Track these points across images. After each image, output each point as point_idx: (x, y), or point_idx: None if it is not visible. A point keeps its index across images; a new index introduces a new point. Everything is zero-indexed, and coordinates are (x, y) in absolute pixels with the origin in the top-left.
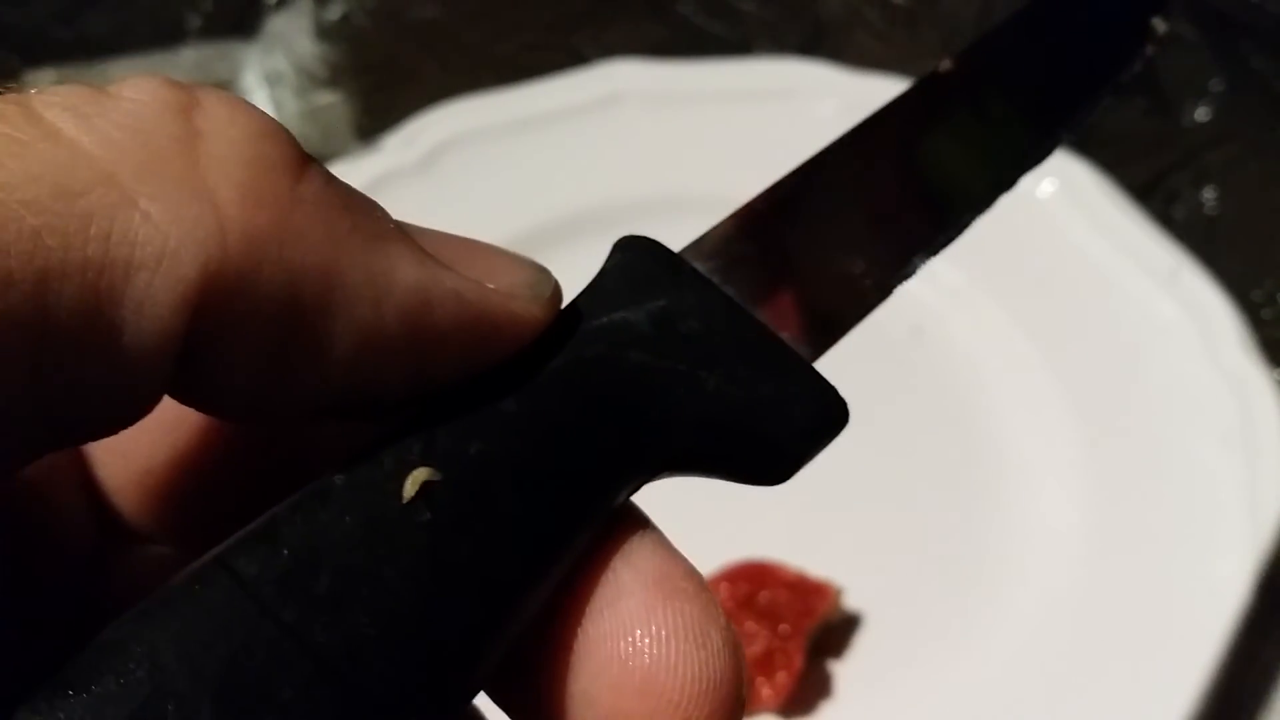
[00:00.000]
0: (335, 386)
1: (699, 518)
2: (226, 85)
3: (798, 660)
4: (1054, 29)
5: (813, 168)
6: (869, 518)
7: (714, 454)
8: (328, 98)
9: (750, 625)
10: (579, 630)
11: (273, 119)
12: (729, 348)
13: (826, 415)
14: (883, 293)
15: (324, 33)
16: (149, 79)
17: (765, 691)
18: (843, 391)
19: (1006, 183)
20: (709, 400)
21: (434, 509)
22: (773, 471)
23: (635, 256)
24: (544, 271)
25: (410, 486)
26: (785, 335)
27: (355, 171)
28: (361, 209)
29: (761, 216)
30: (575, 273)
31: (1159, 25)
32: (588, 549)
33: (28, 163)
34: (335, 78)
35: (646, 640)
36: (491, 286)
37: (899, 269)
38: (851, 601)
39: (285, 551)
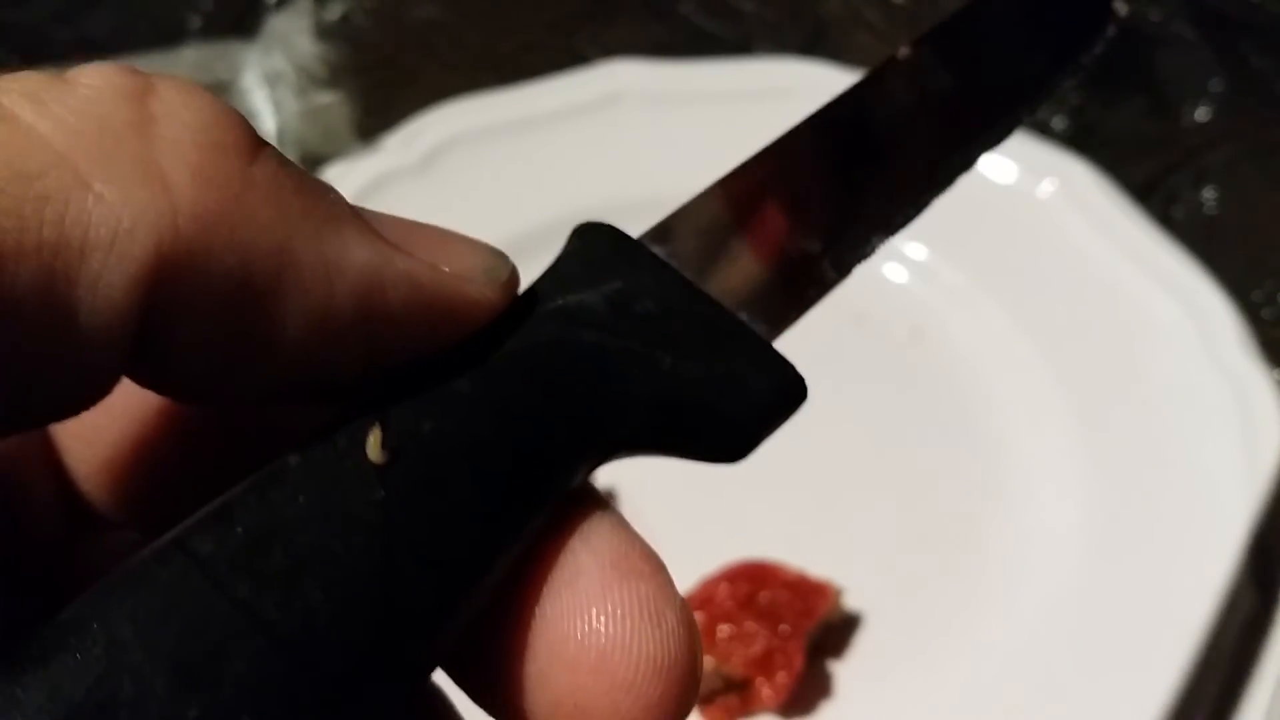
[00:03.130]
0: (288, 368)
1: (700, 518)
2: (226, 85)
3: (798, 660)
4: (1015, 13)
5: (772, 152)
6: (869, 518)
7: (671, 433)
8: (328, 98)
9: (750, 625)
10: (536, 610)
11: (226, 105)
12: (685, 327)
13: (783, 391)
14: (841, 272)
15: (324, 33)
16: (105, 66)
17: (765, 691)
18: (843, 393)
19: (965, 164)
20: (665, 379)
21: (387, 486)
22: (730, 449)
23: (592, 240)
24: (500, 256)
25: (373, 449)
26: (743, 316)
27: (355, 171)
28: (314, 192)
29: (721, 201)
30: None
31: (1120, 7)
32: (546, 529)
33: None
34: (335, 78)
35: (602, 619)
36: (446, 270)
37: (857, 249)
38: (851, 601)
39: (239, 530)
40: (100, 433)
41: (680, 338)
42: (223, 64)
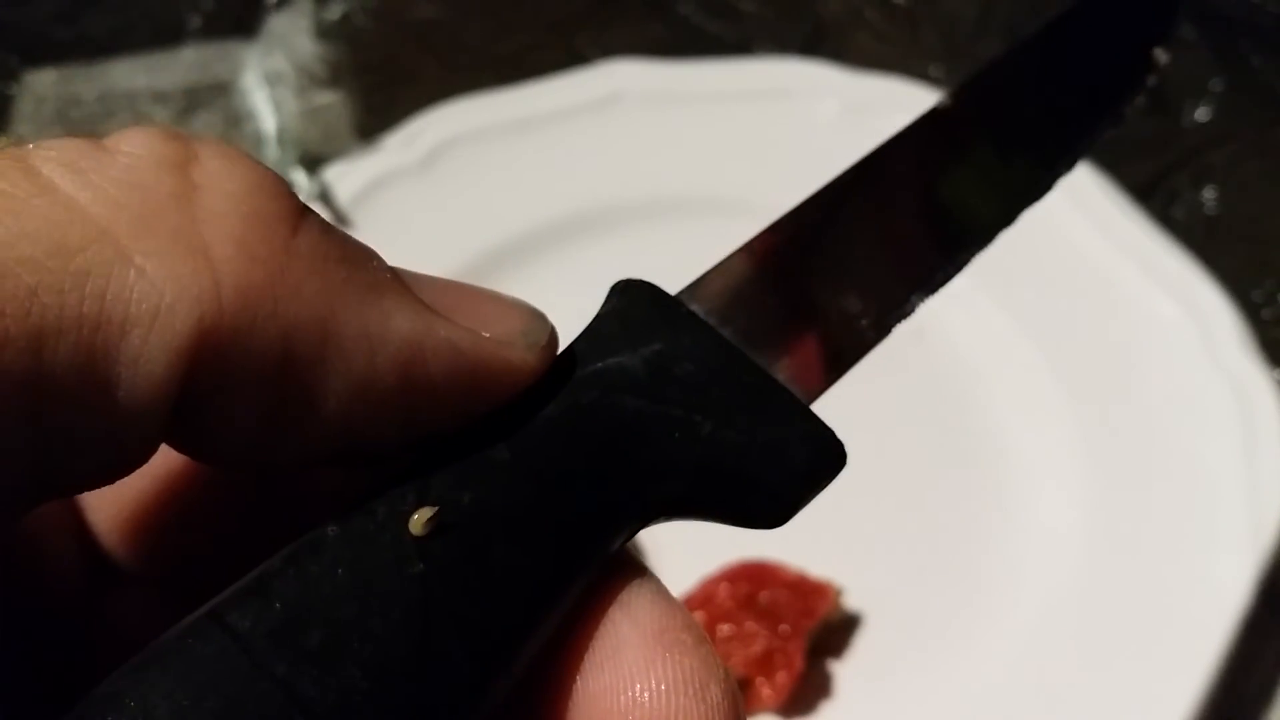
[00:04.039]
0: (329, 437)
1: None
2: (226, 85)
3: (798, 660)
4: (1055, 62)
5: (810, 208)
6: (869, 518)
7: (710, 499)
8: (328, 98)
9: (750, 625)
10: (577, 683)
11: (270, 171)
12: (725, 391)
13: (823, 459)
14: (881, 332)
15: (324, 33)
16: (147, 132)
17: (765, 691)
18: (842, 392)
19: (1006, 219)
20: (704, 445)
21: (426, 560)
22: (769, 516)
23: (632, 300)
24: (540, 317)
25: (416, 524)
26: (782, 377)
27: (355, 171)
28: (357, 260)
29: (760, 258)
30: (574, 273)
31: (1161, 56)
32: (584, 597)
33: (24, 220)
34: (335, 78)
35: (646, 695)
36: (486, 335)
37: (898, 308)
38: (851, 601)
39: (278, 605)
40: (122, 488)
41: (720, 402)
42: (223, 64)
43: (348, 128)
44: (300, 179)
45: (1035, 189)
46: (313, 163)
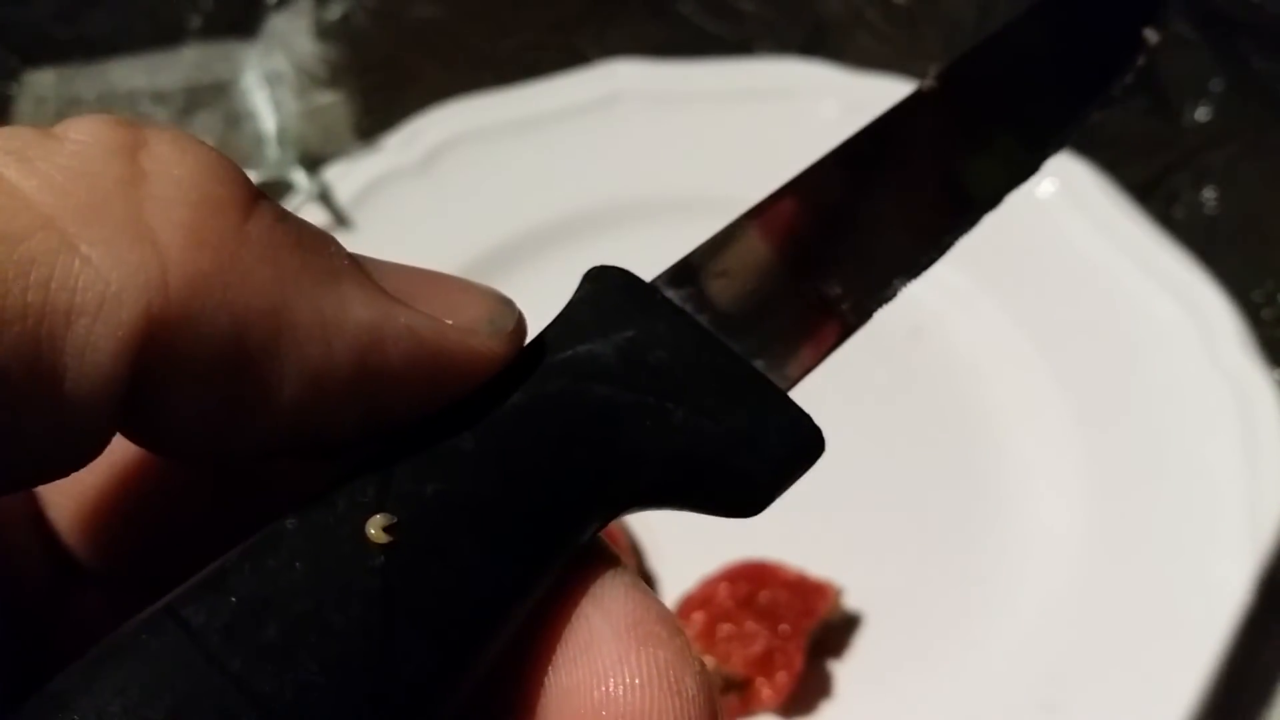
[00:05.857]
0: (286, 427)
1: (700, 517)
2: (226, 85)
3: (798, 660)
4: (1042, 42)
5: (790, 191)
6: (869, 518)
7: (683, 488)
8: (328, 98)
9: (750, 625)
10: (549, 677)
11: (222, 156)
12: (699, 378)
13: (800, 445)
14: (862, 317)
15: (324, 33)
16: (95, 119)
17: (765, 691)
18: (842, 392)
19: (992, 201)
20: (677, 433)
21: (387, 553)
22: (745, 504)
23: (604, 287)
24: (506, 304)
25: (375, 527)
26: (760, 364)
27: (355, 171)
28: (312, 246)
29: (737, 242)
30: (574, 274)
31: (1151, 36)
32: (555, 590)
33: None
34: (335, 78)
35: (620, 689)
36: (449, 322)
37: (879, 292)
38: (851, 601)
39: (233, 599)
40: (79, 482)
41: (694, 389)
42: (223, 64)
43: (348, 128)
44: (300, 179)
45: (1021, 171)
46: (313, 163)
